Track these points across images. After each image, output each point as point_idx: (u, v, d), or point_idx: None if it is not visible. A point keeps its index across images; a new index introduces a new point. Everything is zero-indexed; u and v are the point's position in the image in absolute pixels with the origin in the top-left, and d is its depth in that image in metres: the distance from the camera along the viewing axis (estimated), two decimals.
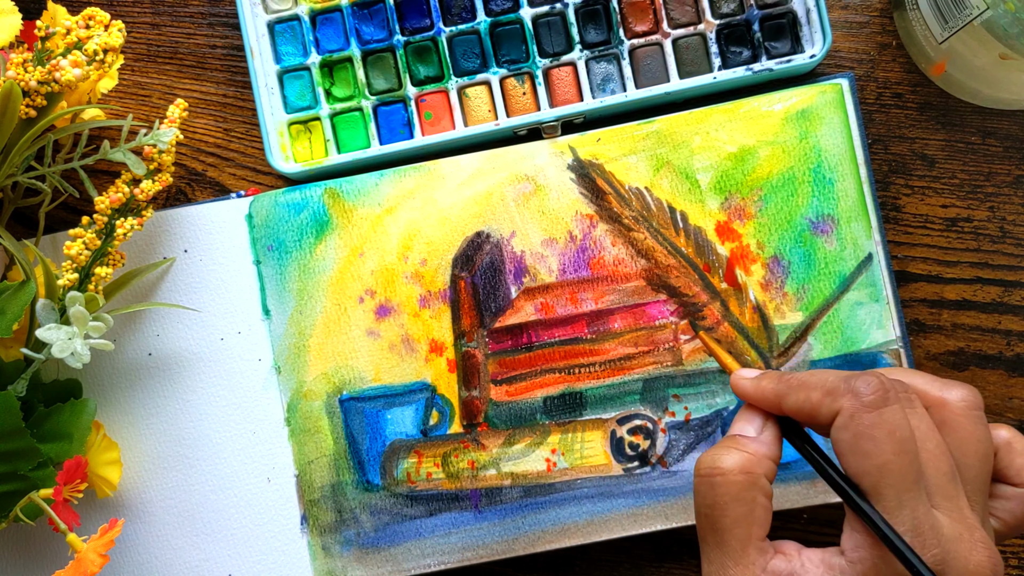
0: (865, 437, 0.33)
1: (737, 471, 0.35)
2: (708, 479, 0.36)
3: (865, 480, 0.33)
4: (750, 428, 0.37)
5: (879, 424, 0.33)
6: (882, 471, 0.33)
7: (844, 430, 0.34)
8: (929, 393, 0.36)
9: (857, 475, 0.34)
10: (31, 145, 0.45)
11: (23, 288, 0.44)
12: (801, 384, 0.36)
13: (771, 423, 0.37)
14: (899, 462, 0.33)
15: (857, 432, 0.33)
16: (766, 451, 0.36)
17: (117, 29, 0.45)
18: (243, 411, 0.49)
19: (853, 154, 0.48)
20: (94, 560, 0.41)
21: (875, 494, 0.33)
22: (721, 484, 0.35)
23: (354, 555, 0.48)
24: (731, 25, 0.50)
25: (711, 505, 0.35)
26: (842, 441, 0.34)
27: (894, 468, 0.33)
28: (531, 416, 0.48)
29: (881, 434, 0.33)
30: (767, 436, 0.37)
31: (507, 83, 0.50)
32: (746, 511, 0.35)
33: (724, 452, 0.36)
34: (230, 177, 0.52)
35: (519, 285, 0.48)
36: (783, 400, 0.36)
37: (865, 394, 0.34)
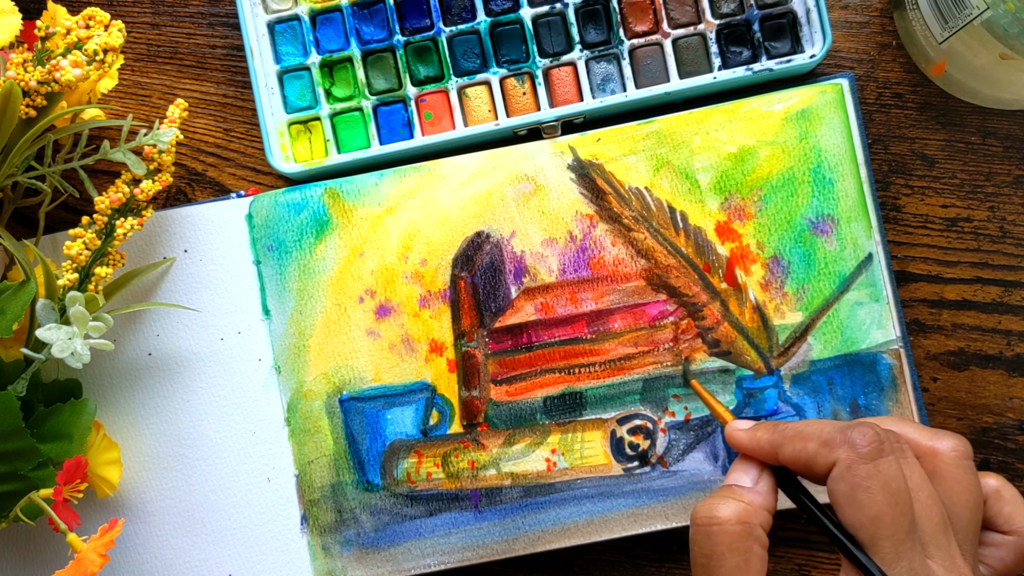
0: (861, 489, 0.34)
1: (734, 521, 0.36)
2: (705, 528, 0.36)
3: (861, 532, 0.34)
4: (746, 478, 0.38)
5: (875, 475, 0.34)
6: (877, 523, 0.33)
7: (840, 481, 0.34)
8: (920, 443, 0.37)
9: (854, 526, 0.34)
10: (31, 145, 0.45)
11: (23, 288, 0.44)
12: (797, 435, 0.36)
13: (767, 473, 0.38)
14: (894, 513, 0.33)
15: (853, 484, 0.34)
16: (762, 501, 0.37)
17: (117, 29, 0.45)
18: (243, 411, 0.49)
19: (853, 154, 0.48)
20: (94, 560, 0.41)
21: (871, 545, 0.34)
22: (718, 534, 0.36)
23: (354, 555, 0.48)
24: (731, 25, 0.50)
25: (708, 555, 0.36)
26: (838, 492, 0.34)
27: (889, 519, 0.33)
28: (531, 416, 0.48)
29: (876, 485, 0.34)
30: (763, 486, 0.38)
31: (507, 83, 0.50)
32: (742, 561, 0.35)
33: (720, 502, 0.36)
34: (230, 177, 0.52)
35: (519, 285, 0.48)
36: (779, 451, 0.37)
37: (861, 446, 0.34)
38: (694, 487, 0.47)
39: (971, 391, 0.50)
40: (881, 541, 0.33)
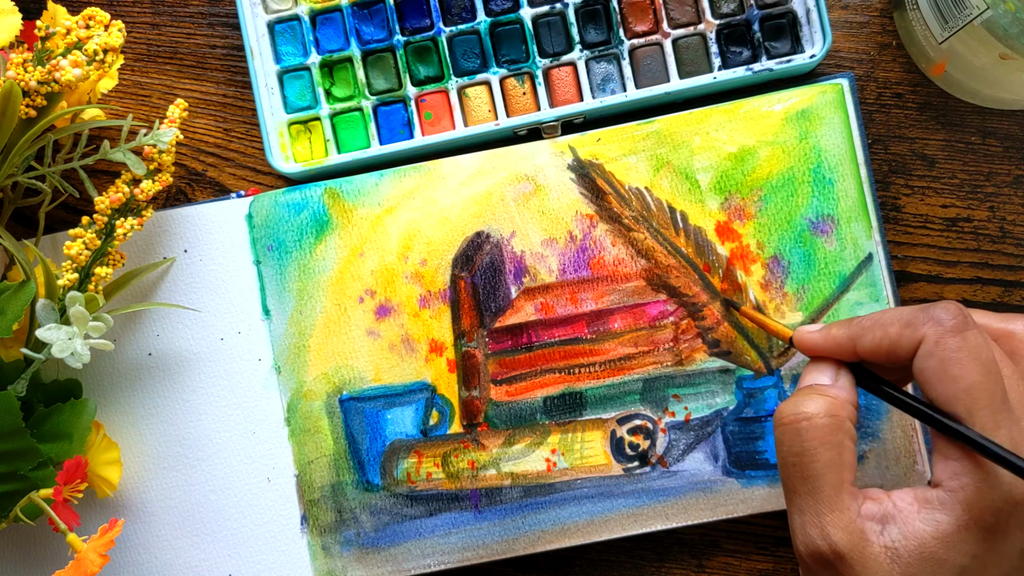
0: (952, 361, 0.33)
1: (823, 414, 0.35)
2: (794, 426, 0.35)
3: (957, 405, 0.33)
4: (824, 377, 0.37)
5: (964, 347, 0.33)
6: (972, 393, 0.33)
7: (930, 357, 0.34)
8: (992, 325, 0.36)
9: (949, 401, 0.33)
10: (31, 145, 0.45)
11: (23, 288, 0.44)
12: (875, 323, 0.36)
13: (844, 370, 0.37)
14: (988, 383, 0.33)
15: (944, 357, 0.33)
16: (846, 396, 0.36)
17: (117, 29, 0.45)
18: (243, 411, 0.49)
19: (853, 154, 0.48)
20: (94, 560, 0.41)
21: (969, 417, 0.33)
22: (808, 429, 0.35)
23: (354, 555, 0.48)
24: (731, 25, 0.50)
25: (799, 452, 0.35)
26: (928, 369, 0.34)
27: (983, 388, 0.33)
28: (531, 416, 0.48)
29: (967, 357, 0.33)
30: (844, 382, 0.37)
31: (507, 83, 0.50)
32: (835, 455, 0.34)
33: (806, 398, 0.36)
34: (230, 177, 0.52)
35: (519, 285, 0.48)
36: (858, 341, 0.36)
37: (946, 320, 0.34)
38: (694, 487, 0.47)
39: None
40: (978, 411, 0.33)
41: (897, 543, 0.33)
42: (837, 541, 0.34)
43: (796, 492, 0.35)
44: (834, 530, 0.34)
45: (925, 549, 0.33)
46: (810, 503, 0.35)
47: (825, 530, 0.34)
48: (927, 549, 0.33)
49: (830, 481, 0.34)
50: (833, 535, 0.34)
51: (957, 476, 0.33)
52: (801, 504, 0.35)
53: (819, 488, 0.34)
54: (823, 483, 0.34)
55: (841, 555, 0.33)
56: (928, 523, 0.33)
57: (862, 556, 0.33)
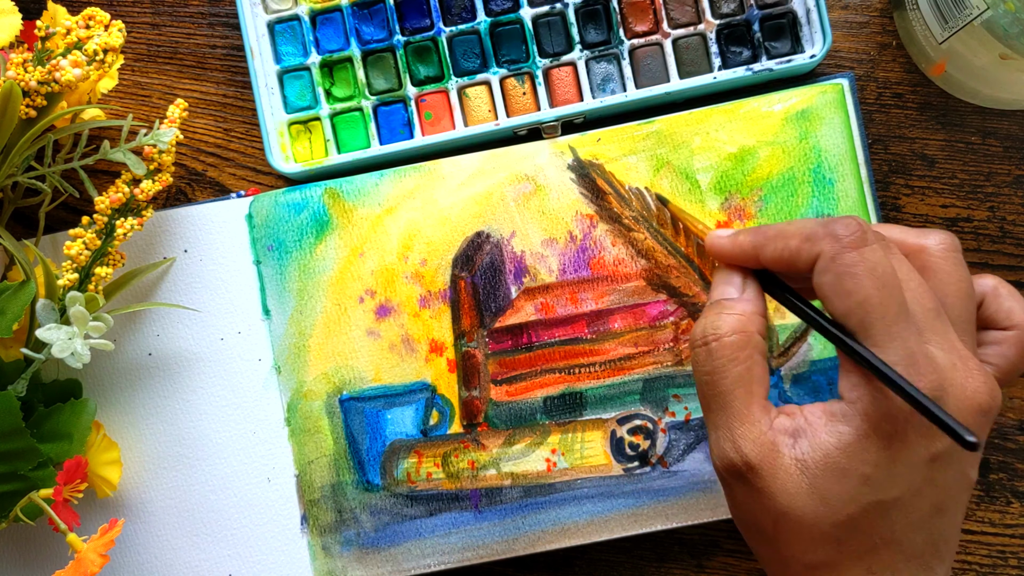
0: (847, 276, 0.33)
1: (730, 332, 0.35)
2: (704, 347, 0.36)
3: (851, 319, 0.33)
4: (731, 289, 0.37)
5: (859, 262, 0.33)
6: (865, 306, 0.33)
7: (826, 272, 0.34)
8: (907, 241, 0.36)
9: (843, 315, 0.33)
10: (31, 145, 0.45)
11: (23, 288, 0.44)
12: (779, 233, 0.36)
13: (751, 279, 0.37)
14: (882, 296, 0.33)
15: (839, 272, 0.33)
16: (753, 308, 0.36)
17: (117, 29, 0.45)
18: (243, 411, 0.49)
19: (853, 154, 0.48)
20: (94, 560, 0.41)
21: (862, 331, 0.33)
22: (717, 348, 0.35)
23: (354, 555, 0.48)
24: (731, 25, 0.50)
25: (710, 371, 0.35)
26: (825, 284, 0.34)
27: (877, 302, 0.33)
28: (531, 416, 0.48)
29: (862, 271, 0.33)
30: (750, 293, 0.37)
31: (507, 83, 0.50)
32: (744, 370, 0.35)
33: (715, 317, 0.36)
34: (230, 177, 0.52)
35: (519, 285, 0.48)
36: (761, 251, 0.36)
37: (844, 235, 0.34)
38: (694, 487, 0.47)
39: None
40: (872, 325, 0.33)
41: (806, 455, 0.33)
42: (748, 453, 0.34)
43: (710, 409, 0.36)
44: (745, 442, 0.34)
45: (830, 459, 0.33)
46: (723, 418, 0.35)
47: (737, 443, 0.34)
48: (831, 459, 0.33)
49: (739, 396, 0.35)
50: (744, 447, 0.34)
51: (855, 388, 0.33)
52: (715, 420, 0.35)
53: (730, 403, 0.35)
54: (733, 398, 0.35)
55: (752, 466, 0.34)
56: (832, 435, 0.33)
57: (772, 467, 0.34)
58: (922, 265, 0.36)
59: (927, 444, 0.33)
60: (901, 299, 0.33)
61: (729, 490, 0.36)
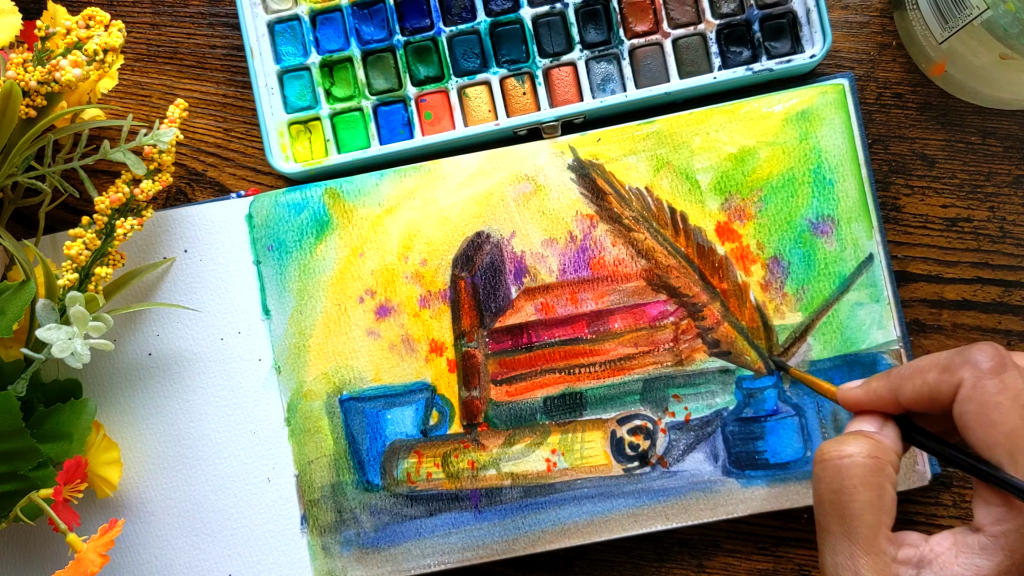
0: (991, 406, 0.32)
1: (866, 455, 0.34)
2: (836, 462, 0.34)
3: (998, 450, 0.32)
4: (868, 425, 0.36)
5: (1003, 390, 0.33)
6: (1012, 437, 0.32)
7: (969, 402, 0.33)
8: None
9: (989, 445, 0.33)
10: (31, 145, 0.45)
11: (23, 288, 0.44)
12: (915, 371, 0.35)
13: (890, 422, 0.37)
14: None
15: (983, 401, 0.33)
16: (891, 444, 0.35)
17: (117, 29, 0.45)
18: (243, 411, 0.49)
19: (854, 154, 0.48)
20: (94, 560, 0.41)
21: (1011, 462, 0.32)
22: (849, 467, 0.34)
23: (354, 555, 0.48)
24: (731, 25, 0.50)
25: (837, 490, 0.34)
26: (967, 413, 0.33)
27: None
28: (531, 416, 0.48)
29: (1007, 400, 0.32)
30: (889, 431, 0.36)
31: (507, 83, 0.50)
32: (875, 496, 0.34)
33: (850, 439, 0.35)
34: (230, 177, 0.52)
35: (519, 285, 0.48)
36: (899, 392, 0.36)
37: (983, 362, 0.33)
38: (694, 487, 0.47)
39: None
40: (1020, 455, 0.32)
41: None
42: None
43: (831, 531, 0.34)
44: (869, 573, 0.33)
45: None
46: (845, 544, 0.34)
47: (860, 573, 0.33)
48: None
49: (867, 522, 0.33)
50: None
51: (999, 522, 0.32)
52: (835, 544, 0.34)
53: (855, 529, 0.33)
54: (860, 524, 0.33)
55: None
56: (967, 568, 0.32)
57: None
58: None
59: None
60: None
61: None
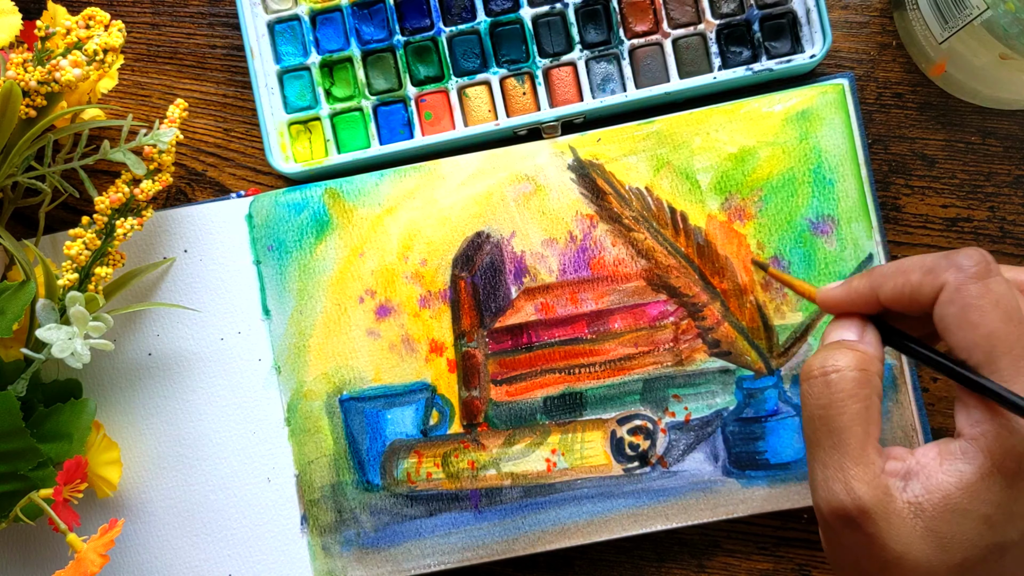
0: (973, 308, 0.32)
1: (853, 367, 0.34)
2: (823, 378, 0.34)
3: (977, 352, 0.32)
4: (849, 333, 0.36)
5: (986, 294, 0.32)
6: (992, 340, 0.32)
7: (951, 304, 0.33)
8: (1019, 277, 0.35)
9: (968, 348, 0.32)
10: (31, 145, 0.45)
11: (23, 288, 0.44)
12: (897, 270, 0.35)
13: (870, 326, 0.36)
14: (1008, 329, 0.32)
15: (964, 304, 0.32)
16: (874, 351, 0.35)
17: (117, 29, 0.45)
18: (243, 411, 0.49)
19: (854, 154, 0.48)
20: (94, 560, 0.41)
21: (989, 365, 0.32)
22: (837, 381, 0.34)
23: (354, 555, 0.48)
24: (731, 25, 0.50)
25: (826, 405, 0.34)
26: (948, 316, 0.33)
27: (1004, 335, 0.32)
28: (531, 416, 0.48)
29: (988, 304, 0.32)
30: (870, 337, 0.36)
31: (507, 83, 0.50)
32: (863, 408, 0.34)
33: (835, 351, 0.35)
34: (230, 177, 0.52)
35: (519, 285, 0.48)
36: (880, 290, 0.35)
37: (968, 266, 0.33)
38: (694, 487, 0.47)
39: None
40: (999, 359, 0.32)
41: (920, 497, 0.32)
42: (862, 496, 0.33)
43: (820, 446, 0.34)
44: (859, 484, 0.33)
45: (949, 501, 0.32)
46: (835, 457, 0.34)
47: (850, 484, 0.33)
48: (951, 500, 0.32)
49: (856, 435, 0.33)
50: (858, 489, 0.33)
51: (978, 424, 0.32)
52: (825, 458, 0.34)
53: (845, 441, 0.33)
54: (849, 436, 0.33)
55: (865, 511, 0.33)
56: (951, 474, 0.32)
57: (886, 512, 0.32)
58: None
59: None
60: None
61: (833, 534, 0.34)
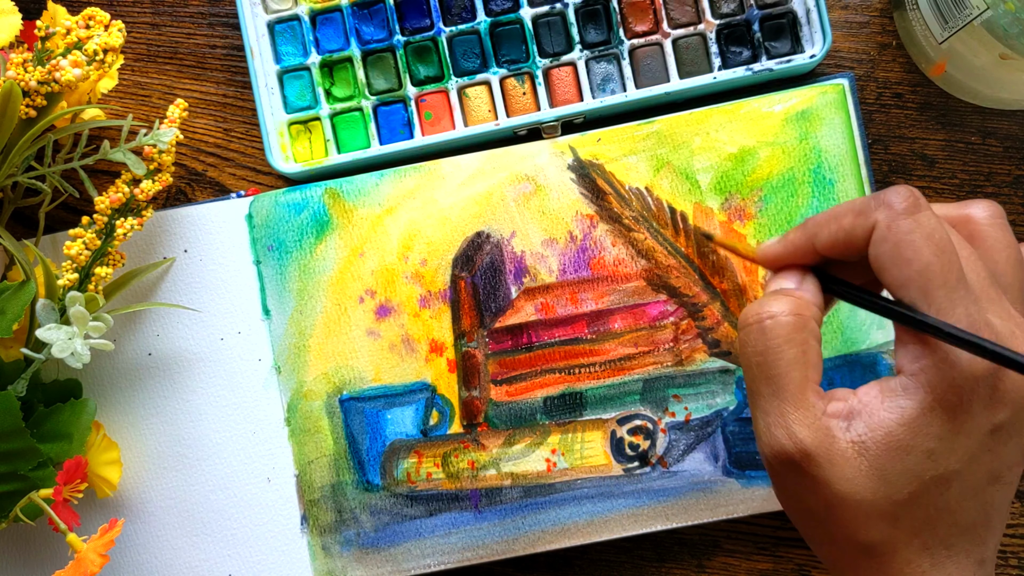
0: (905, 244, 0.32)
1: (787, 312, 0.34)
2: (758, 325, 0.34)
3: (911, 287, 0.32)
4: (788, 282, 0.36)
5: (916, 228, 0.32)
6: (926, 274, 0.32)
7: (883, 242, 0.33)
8: (950, 213, 0.36)
9: (903, 284, 0.32)
10: (31, 145, 0.45)
11: (23, 288, 0.44)
12: (830, 216, 0.35)
13: (809, 275, 0.36)
14: (942, 262, 0.32)
15: (896, 241, 0.32)
16: (811, 297, 0.35)
17: (117, 29, 0.45)
18: (243, 411, 0.49)
19: (854, 154, 0.48)
20: (94, 560, 0.41)
21: (924, 299, 0.32)
22: (772, 327, 0.34)
23: (354, 555, 0.48)
24: (731, 25, 0.50)
25: (763, 351, 0.34)
26: (882, 254, 0.33)
27: (938, 268, 0.32)
28: (531, 416, 0.48)
29: (920, 238, 0.32)
30: (809, 285, 0.36)
31: (507, 83, 0.50)
32: (800, 352, 0.34)
33: (770, 299, 0.35)
34: (230, 177, 0.52)
35: (519, 285, 0.48)
36: (816, 239, 0.35)
37: (897, 203, 0.33)
38: (694, 487, 0.47)
39: None
40: (933, 292, 0.32)
41: (864, 436, 0.32)
42: (803, 439, 0.33)
43: (760, 393, 0.34)
44: (799, 428, 0.33)
45: (892, 437, 0.32)
46: (774, 403, 0.34)
47: (790, 429, 0.33)
48: (894, 437, 0.32)
49: (794, 379, 0.33)
50: (799, 433, 0.33)
51: (917, 360, 0.32)
52: (765, 405, 0.34)
53: (783, 387, 0.34)
54: (787, 381, 0.33)
55: (807, 453, 0.33)
56: (893, 411, 0.32)
57: (829, 453, 0.33)
58: (969, 235, 0.35)
59: (990, 415, 0.32)
60: (959, 265, 0.32)
61: (779, 479, 0.35)
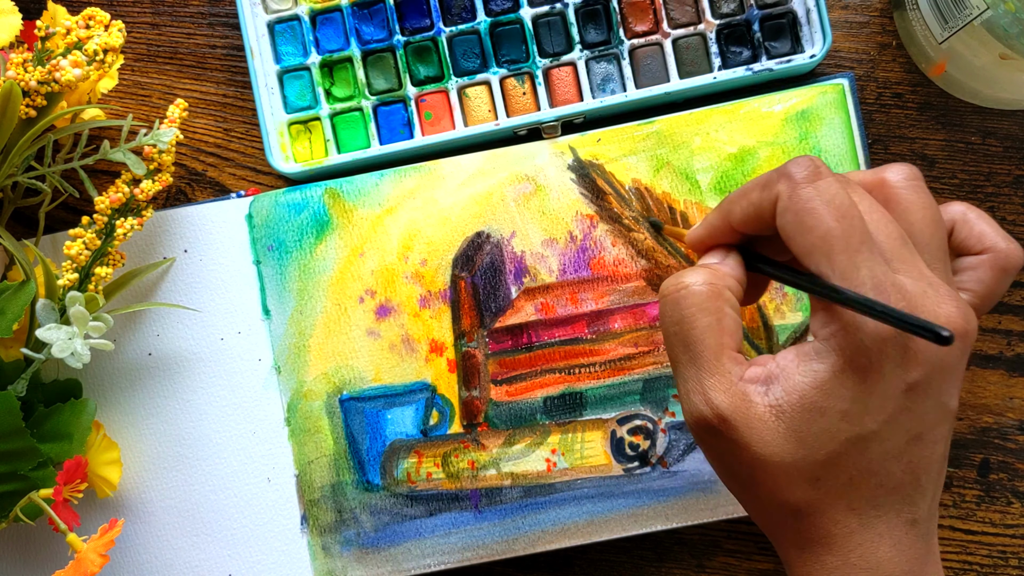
0: (806, 212, 0.33)
1: (701, 282, 0.35)
2: (673, 295, 0.35)
3: (816, 255, 0.32)
4: (711, 258, 0.37)
5: (816, 196, 0.33)
6: (828, 239, 0.32)
7: (787, 212, 0.33)
8: (866, 179, 0.36)
9: (808, 252, 0.33)
10: (31, 145, 0.45)
11: (23, 288, 0.44)
12: (740, 194, 0.35)
13: (732, 252, 0.37)
14: (843, 226, 0.32)
15: (798, 210, 0.33)
16: (729, 270, 0.36)
17: (117, 29, 0.45)
18: (243, 411, 0.49)
19: (854, 154, 0.48)
20: (94, 560, 0.41)
21: (828, 264, 0.32)
22: (686, 296, 0.35)
23: (354, 555, 0.48)
24: (731, 25, 0.50)
25: (679, 321, 0.35)
26: (786, 224, 0.33)
27: (839, 233, 0.32)
28: (531, 416, 0.48)
29: (820, 204, 0.32)
30: (731, 260, 0.37)
31: (507, 83, 0.50)
32: (714, 320, 0.34)
33: (687, 271, 0.36)
34: (230, 177, 0.52)
35: (519, 285, 0.48)
36: (730, 217, 0.36)
37: (798, 173, 0.33)
38: (694, 487, 0.47)
39: (971, 391, 0.50)
40: (835, 257, 0.32)
41: (780, 400, 0.33)
42: (719, 404, 0.33)
43: (679, 361, 0.35)
44: (716, 393, 0.33)
45: (806, 400, 0.33)
46: (692, 371, 0.34)
47: (708, 395, 0.34)
48: (808, 400, 0.33)
49: (709, 346, 0.34)
50: (715, 399, 0.33)
51: (826, 324, 0.33)
52: (684, 373, 0.35)
53: (699, 354, 0.34)
54: (703, 348, 0.34)
55: (725, 418, 0.33)
56: (806, 375, 0.33)
57: (746, 417, 0.33)
58: (884, 198, 0.35)
59: (903, 374, 0.32)
60: (863, 229, 0.32)
61: (703, 444, 0.35)
